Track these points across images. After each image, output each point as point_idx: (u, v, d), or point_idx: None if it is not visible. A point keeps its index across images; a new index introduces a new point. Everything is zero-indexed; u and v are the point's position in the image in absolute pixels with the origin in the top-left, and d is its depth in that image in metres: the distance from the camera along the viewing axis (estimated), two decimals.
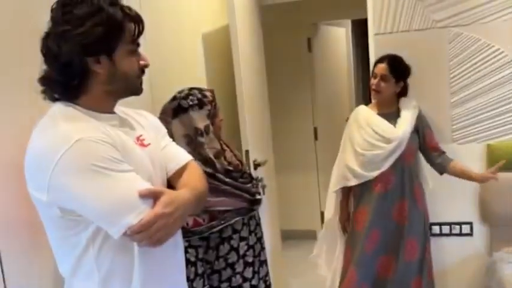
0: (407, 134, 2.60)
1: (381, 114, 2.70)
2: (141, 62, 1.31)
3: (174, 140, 1.82)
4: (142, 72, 1.32)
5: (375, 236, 2.65)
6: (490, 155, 2.96)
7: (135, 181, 1.19)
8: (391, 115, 2.69)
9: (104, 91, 1.25)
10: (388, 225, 2.64)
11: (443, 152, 2.73)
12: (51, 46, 1.19)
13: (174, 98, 1.92)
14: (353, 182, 2.70)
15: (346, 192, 2.83)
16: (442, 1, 2.95)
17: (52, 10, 1.21)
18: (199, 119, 1.86)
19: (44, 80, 1.23)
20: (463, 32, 2.94)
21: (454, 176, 2.70)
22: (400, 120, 2.65)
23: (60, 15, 1.18)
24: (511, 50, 2.89)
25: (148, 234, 1.14)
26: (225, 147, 2.01)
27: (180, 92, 1.93)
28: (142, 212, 1.15)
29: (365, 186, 2.68)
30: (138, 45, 1.29)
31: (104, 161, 1.13)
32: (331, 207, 2.92)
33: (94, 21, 1.17)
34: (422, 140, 2.70)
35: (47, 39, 1.20)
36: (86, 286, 1.23)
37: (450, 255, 2.84)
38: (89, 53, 1.18)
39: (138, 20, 1.26)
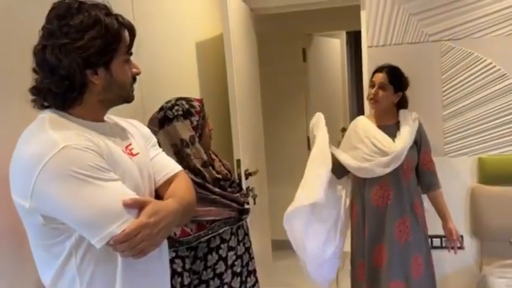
0: (406, 149, 2.52)
1: (380, 126, 2.62)
2: (134, 70, 1.31)
3: (162, 150, 1.83)
4: (134, 80, 1.33)
5: (382, 252, 2.57)
6: (481, 168, 2.97)
7: (120, 190, 1.18)
8: (391, 128, 2.61)
9: (98, 100, 1.25)
10: (394, 244, 2.56)
11: (434, 174, 2.66)
12: (49, 59, 1.17)
13: (161, 108, 1.91)
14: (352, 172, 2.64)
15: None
16: (435, 15, 2.98)
17: (47, 21, 1.20)
18: (184, 130, 1.85)
19: (36, 90, 1.22)
20: (456, 46, 2.96)
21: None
22: (399, 134, 2.56)
23: (57, 27, 1.17)
24: (502, 64, 2.92)
25: (131, 245, 1.13)
26: (214, 157, 2.00)
27: (167, 102, 1.92)
28: (126, 222, 1.13)
29: (365, 200, 2.62)
30: (131, 53, 1.29)
31: (89, 169, 1.12)
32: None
33: (92, 34, 1.17)
34: (420, 157, 2.63)
35: (43, 51, 1.18)
36: None
37: (441, 268, 2.83)
38: (88, 66, 1.18)
39: (131, 29, 1.27)
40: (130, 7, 2.17)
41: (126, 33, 1.25)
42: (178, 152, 1.84)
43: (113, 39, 1.20)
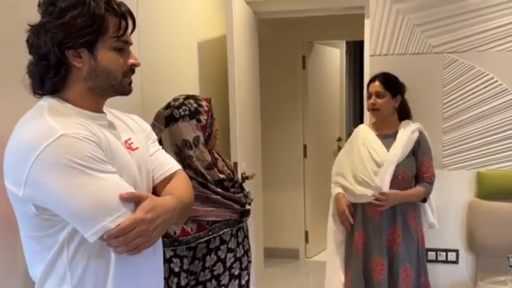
0: (397, 158, 2.52)
1: (380, 135, 2.63)
2: (131, 61, 1.26)
3: (163, 148, 1.79)
4: (132, 71, 1.27)
5: (378, 263, 2.57)
6: (480, 182, 2.95)
7: (117, 183, 1.14)
8: (390, 137, 2.61)
9: (87, 88, 1.21)
10: (386, 251, 2.57)
11: (430, 184, 2.64)
12: (31, 39, 1.17)
13: (169, 106, 1.88)
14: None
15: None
16: (439, 27, 2.96)
17: (39, 4, 1.18)
18: (189, 130, 1.82)
19: (28, 73, 1.20)
20: (459, 58, 2.95)
21: None
22: (394, 143, 2.57)
23: (45, 9, 1.16)
24: (504, 79, 2.91)
25: (126, 240, 1.09)
26: (217, 156, 1.98)
27: (175, 100, 1.89)
28: (121, 216, 1.09)
29: (359, 210, 2.61)
30: (126, 43, 1.24)
31: (86, 159, 1.08)
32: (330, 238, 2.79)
33: (74, 14, 1.14)
34: (417, 167, 2.61)
35: (31, 31, 1.18)
36: None
37: (435, 282, 2.80)
38: (66, 46, 1.15)
39: (125, 16, 1.22)
40: (135, 4, 2.14)
41: (116, 19, 1.19)
42: (179, 152, 1.80)
43: (95, 21, 1.16)
